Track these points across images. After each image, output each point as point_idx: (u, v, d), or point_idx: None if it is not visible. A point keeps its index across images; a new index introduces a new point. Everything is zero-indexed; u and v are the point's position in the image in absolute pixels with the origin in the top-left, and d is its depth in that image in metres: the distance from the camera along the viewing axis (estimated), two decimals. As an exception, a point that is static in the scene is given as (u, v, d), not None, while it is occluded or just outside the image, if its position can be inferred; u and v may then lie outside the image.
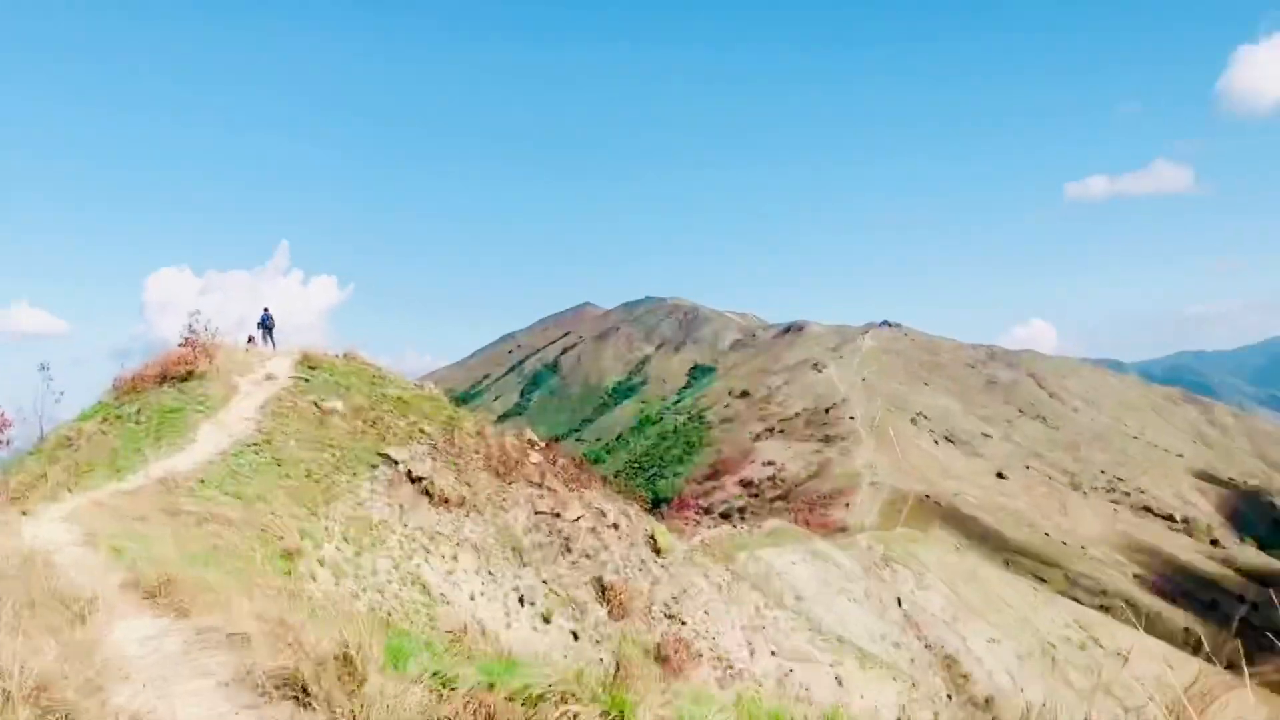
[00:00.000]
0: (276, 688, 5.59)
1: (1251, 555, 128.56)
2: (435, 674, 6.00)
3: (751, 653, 21.97)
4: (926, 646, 45.52)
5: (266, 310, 31.74)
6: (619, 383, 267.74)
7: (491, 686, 5.85)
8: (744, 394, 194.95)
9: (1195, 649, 59.56)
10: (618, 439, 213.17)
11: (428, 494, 18.50)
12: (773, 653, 22.40)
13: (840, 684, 22.59)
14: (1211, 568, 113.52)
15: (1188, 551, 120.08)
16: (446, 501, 18.69)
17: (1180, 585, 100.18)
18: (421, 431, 20.52)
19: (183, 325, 23.08)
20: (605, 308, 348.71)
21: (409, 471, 18.56)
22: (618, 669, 8.41)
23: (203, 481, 16.31)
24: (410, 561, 16.73)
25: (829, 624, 35.38)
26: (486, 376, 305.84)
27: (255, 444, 18.71)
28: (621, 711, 5.54)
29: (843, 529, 75.32)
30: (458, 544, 18.03)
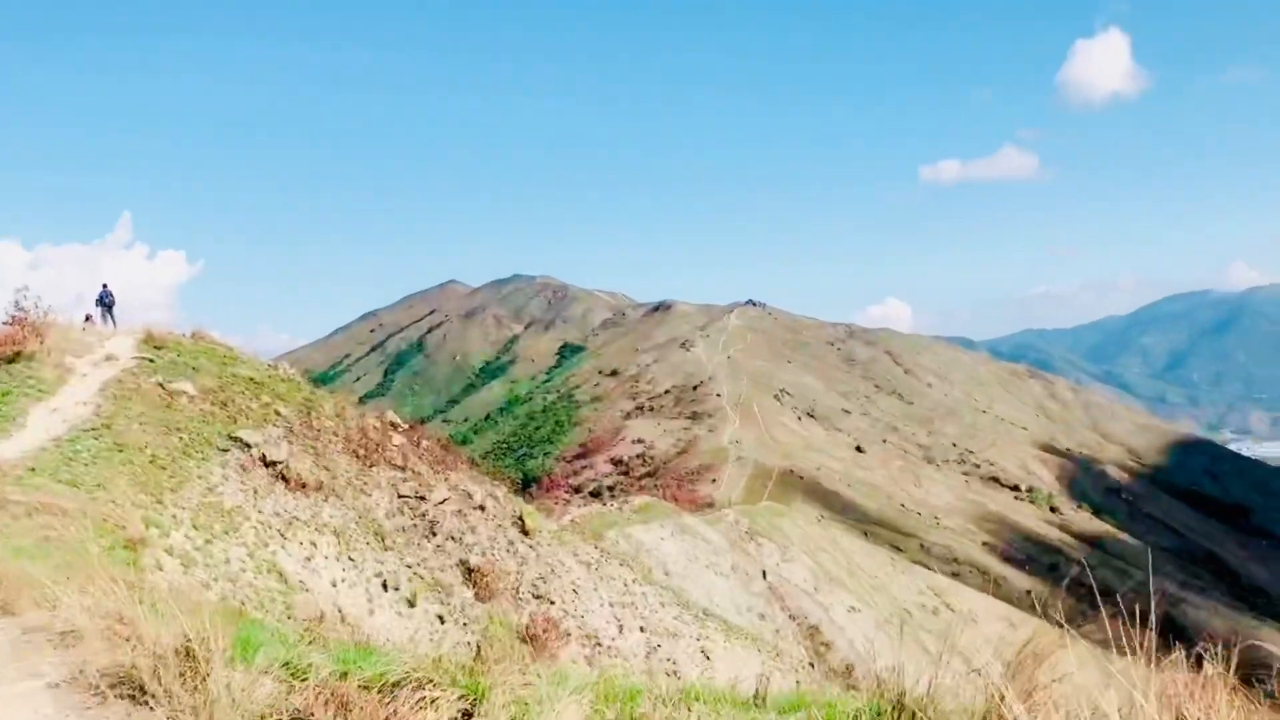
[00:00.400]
0: (111, 686, 5.26)
1: (1085, 520, 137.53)
2: (286, 665, 5.75)
3: (620, 629, 22.11)
4: (791, 617, 46.91)
5: (106, 286, 29.94)
6: (487, 362, 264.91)
7: (345, 675, 5.63)
8: (614, 373, 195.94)
9: (1036, 609, 63.34)
10: (486, 419, 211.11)
11: (284, 478, 17.80)
12: (641, 628, 22.62)
13: (707, 657, 23.01)
14: (1051, 533, 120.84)
15: (1030, 519, 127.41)
16: (304, 486, 18.03)
17: (1024, 550, 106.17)
18: (277, 414, 19.71)
19: (8, 303, 21.46)
20: (472, 285, 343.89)
21: (263, 455, 17.80)
22: (478, 652, 8.25)
23: (33, 470, 15.21)
24: (266, 549, 16.08)
25: (696, 598, 35.99)
26: (347, 356, 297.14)
27: (94, 429, 17.58)
28: (480, 695, 5.42)
29: (710, 504, 76.70)
30: (317, 529, 17.44)
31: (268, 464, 17.94)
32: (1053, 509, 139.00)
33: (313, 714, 5.15)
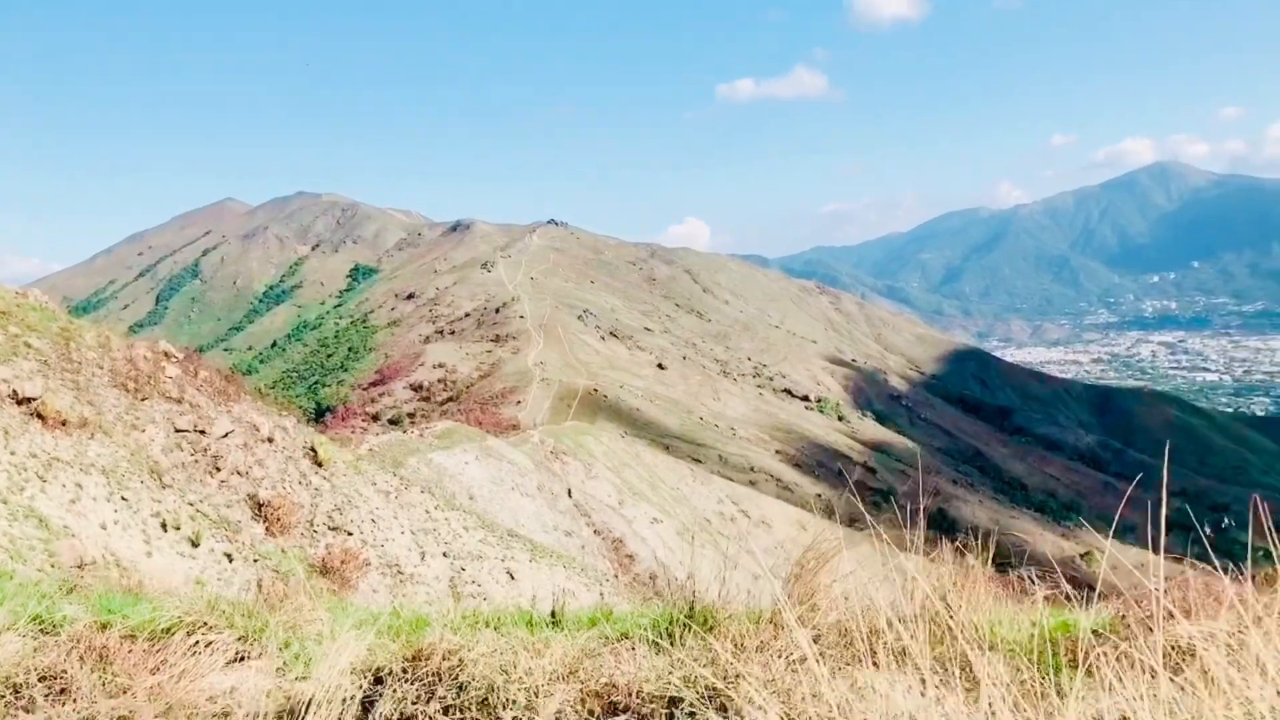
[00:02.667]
0: None
1: (870, 427, 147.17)
2: (36, 619, 5.19)
3: (423, 556, 21.81)
4: (596, 532, 47.90)
5: None
6: (270, 286, 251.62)
7: (106, 626, 5.14)
8: (411, 295, 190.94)
9: (825, 513, 67.58)
10: (272, 347, 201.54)
11: (40, 416, 16.21)
12: (444, 554, 22.39)
13: (512, 577, 23.11)
14: (839, 440, 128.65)
15: (820, 427, 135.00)
16: (65, 424, 16.50)
17: (814, 457, 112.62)
18: (27, 346, 17.85)
19: None
20: (251, 204, 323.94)
21: (14, 392, 16.12)
22: (259, 589, 7.80)
23: None
24: (22, 494, 14.65)
25: (503, 520, 36.05)
26: (112, 282, 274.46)
27: None
28: (258, 636, 5.08)
29: (515, 427, 76.72)
30: (82, 470, 16.05)
31: (19, 401, 16.28)
32: (840, 417, 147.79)
33: (65, 670, 4.68)
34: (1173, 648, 3.52)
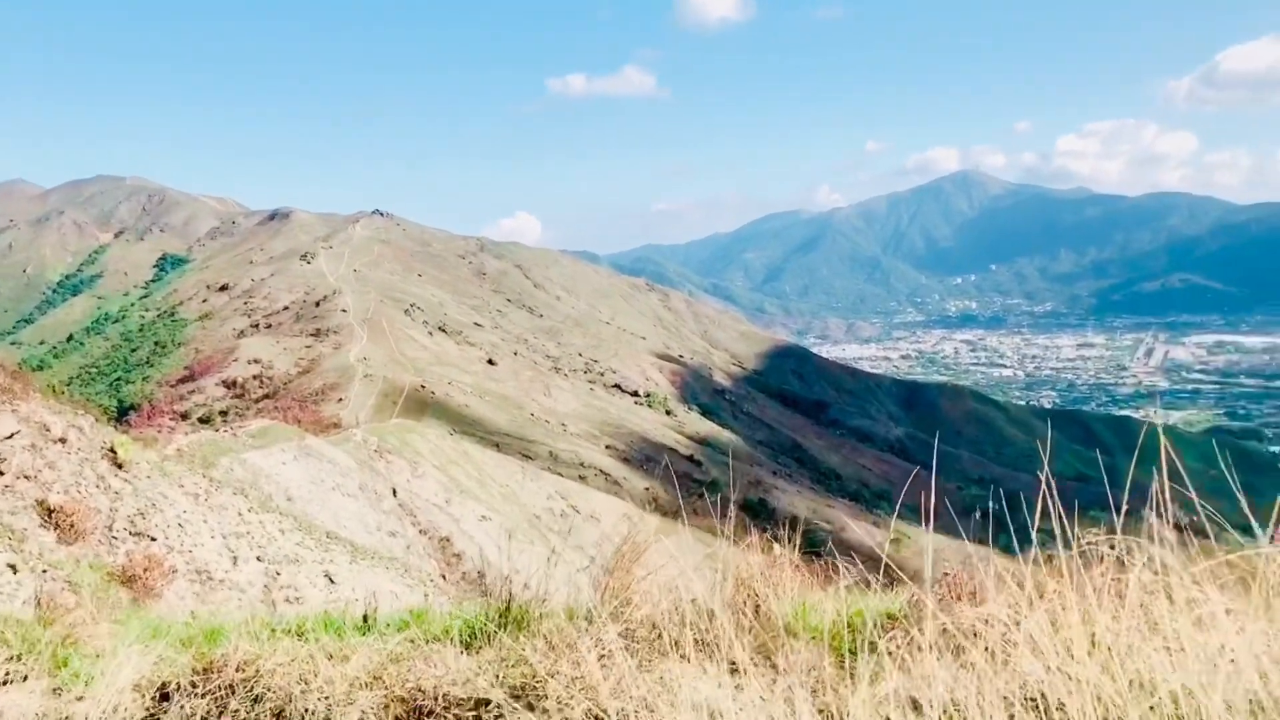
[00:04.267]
0: None
1: (696, 421, 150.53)
2: None
3: (235, 561, 20.72)
4: (422, 531, 46.89)
5: None
6: (67, 276, 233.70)
7: None
8: (224, 287, 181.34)
9: (652, 506, 68.73)
10: (68, 341, 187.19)
11: None
12: (259, 558, 21.35)
13: (331, 580, 22.29)
14: (667, 434, 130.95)
15: (648, 422, 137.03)
16: None
17: (643, 451, 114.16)
18: None
19: None
20: (44, 186, 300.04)
21: None
22: (39, 605, 7.20)
23: None
24: None
25: (323, 521, 34.78)
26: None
27: None
28: (30, 654, 4.67)
29: (336, 425, 74.13)
30: None
31: None
32: (668, 412, 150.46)
33: None
34: (957, 629, 3.73)
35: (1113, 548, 3.53)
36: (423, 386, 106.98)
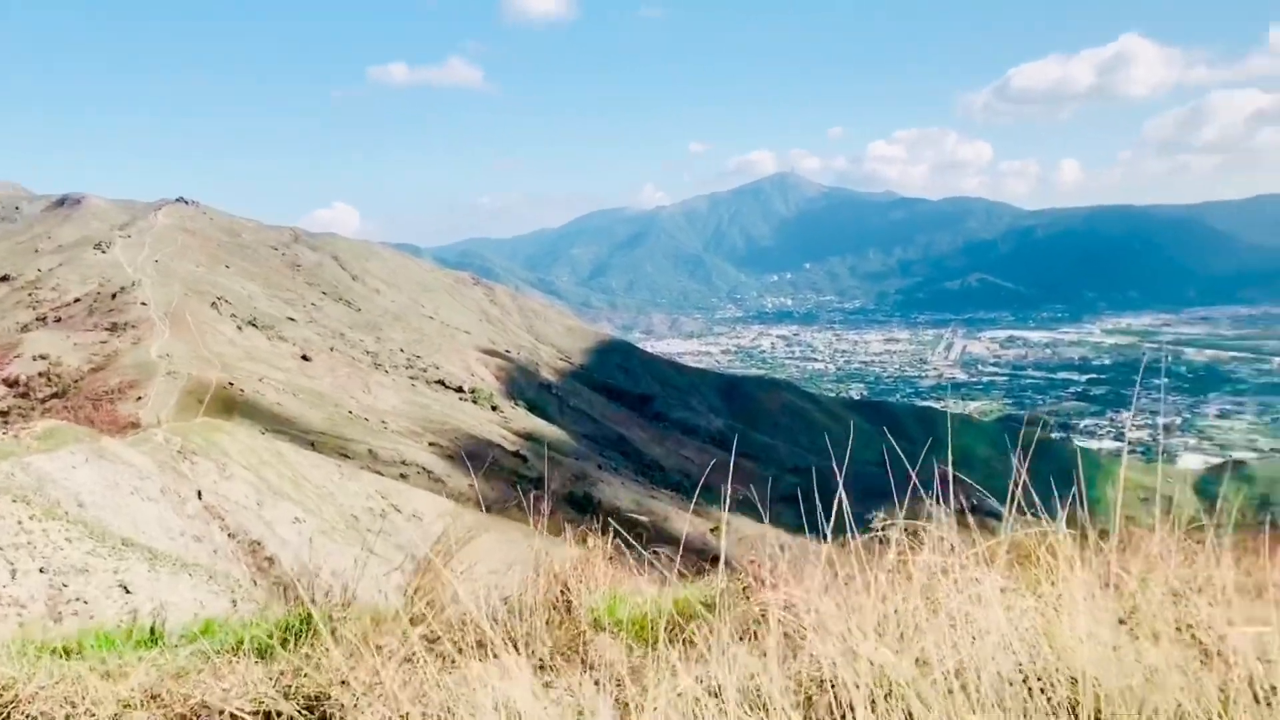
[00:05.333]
0: None
1: (522, 417, 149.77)
2: None
3: (13, 574, 19.05)
4: (230, 535, 44.56)
5: None
6: None
7: None
8: (5, 278, 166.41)
9: (475, 503, 67.86)
10: None
11: None
12: (42, 569, 19.70)
13: (127, 591, 20.83)
14: (492, 430, 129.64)
15: (473, 418, 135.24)
16: None
17: (467, 448, 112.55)
18: None
19: None
20: None
21: None
22: None
23: None
24: None
25: (119, 528, 32.48)
26: None
27: None
28: None
29: (135, 425, 69.39)
30: None
31: None
32: (494, 408, 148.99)
33: None
34: (760, 615, 3.83)
35: (914, 532, 3.69)
36: (231, 384, 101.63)
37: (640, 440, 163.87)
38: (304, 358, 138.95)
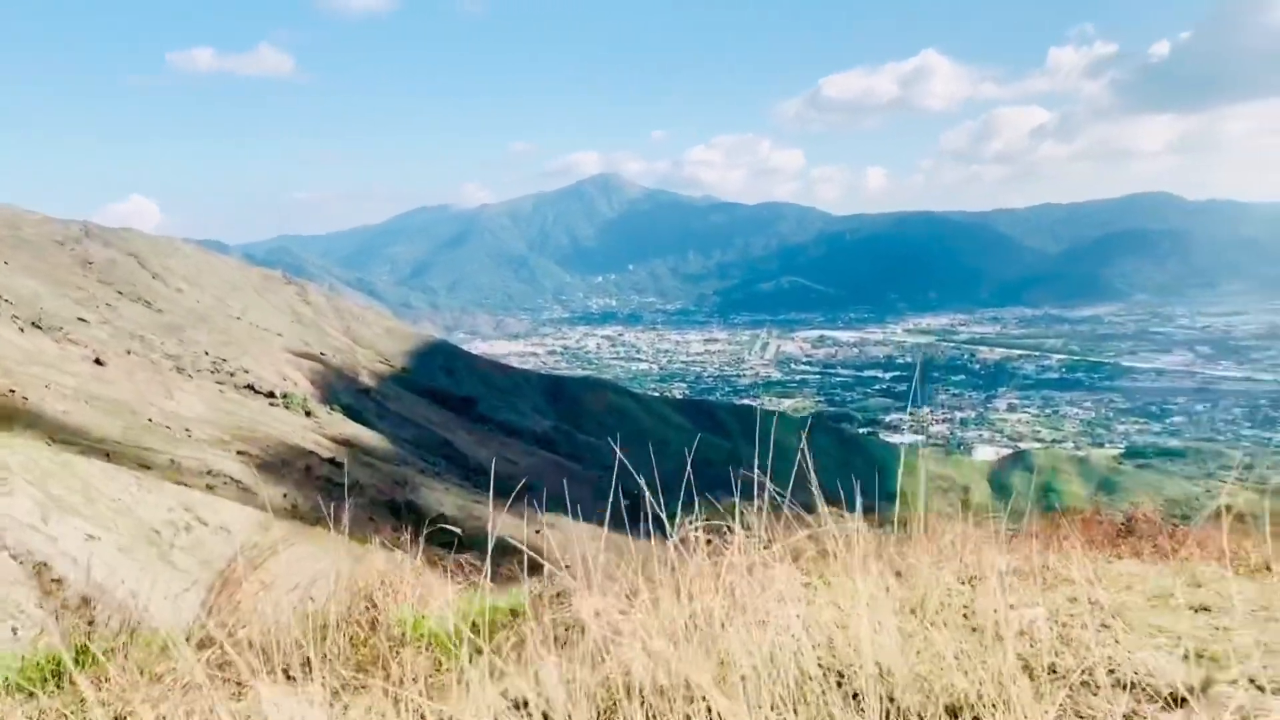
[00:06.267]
0: None
1: (339, 422, 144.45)
2: None
3: None
4: (13, 556, 40.91)
5: None
6: None
7: None
8: None
9: (289, 513, 64.94)
10: None
11: None
12: None
13: (-117, 622, 18.69)
14: (307, 437, 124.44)
15: (286, 425, 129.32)
16: None
17: (279, 456, 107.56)
18: None
19: None
20: None
21: None
22: None
23: None
24: None
25: (-126, 553, 29.15)
26: None
27: None
28: None
29: (-103, 437, 62.56)
30: None
31: None
32: (307, 413, 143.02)
33: None
34: (574, 621, 3.80)
35: (724, 531, 3.74)
36: (12, 391, 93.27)
37: (465, 443, 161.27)
38: (97, 361, 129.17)
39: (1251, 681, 2.86)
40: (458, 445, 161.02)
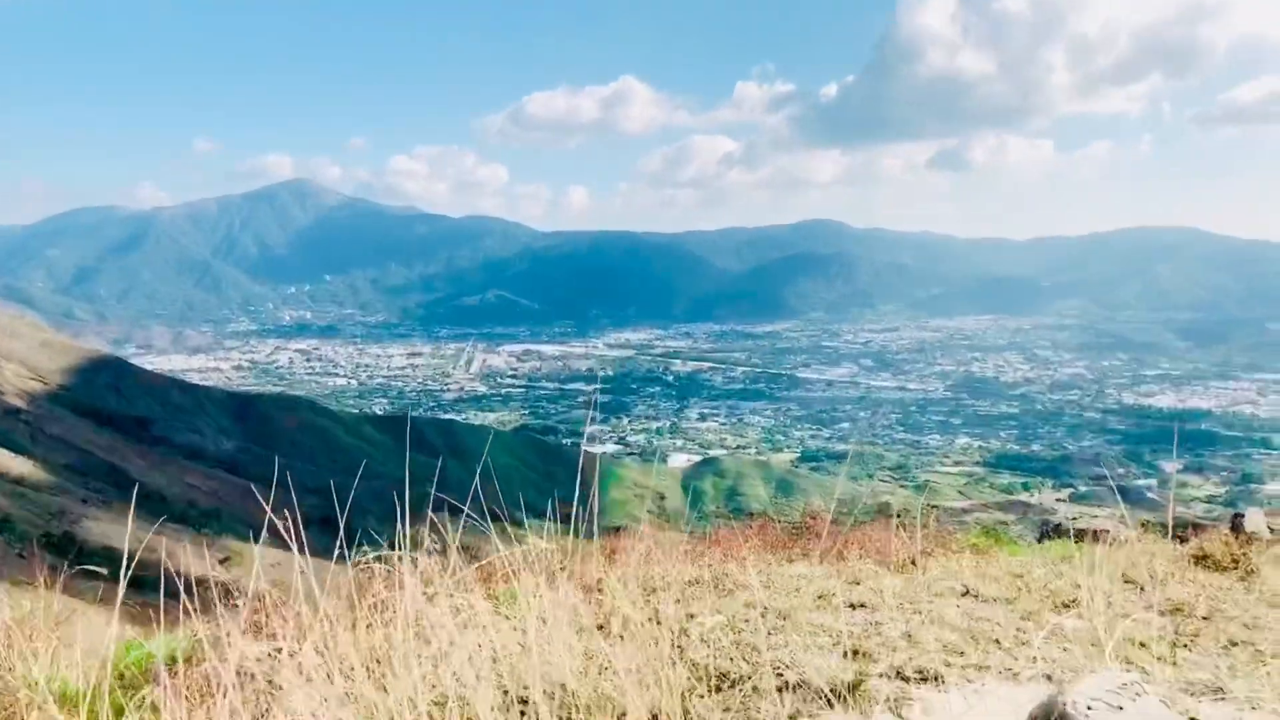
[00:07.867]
0: None
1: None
2: None
3: None
4: None
5: None
6: None
7: None
8: None
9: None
10: None
11: None
12: None
13: None
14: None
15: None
16: None
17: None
18: None
19: None
20: None
21: None
22: None
23: None
24: None
25: None
26: None
27: None
28: None
29: None
30: None
31: None
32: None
33: None
34: (239, 666, 3.48)
35: (411, 558, 3.58)
36: None
37: (138, 468, 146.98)
38: None
39: (898, 673, 3.13)
40: (129, 470, 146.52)
